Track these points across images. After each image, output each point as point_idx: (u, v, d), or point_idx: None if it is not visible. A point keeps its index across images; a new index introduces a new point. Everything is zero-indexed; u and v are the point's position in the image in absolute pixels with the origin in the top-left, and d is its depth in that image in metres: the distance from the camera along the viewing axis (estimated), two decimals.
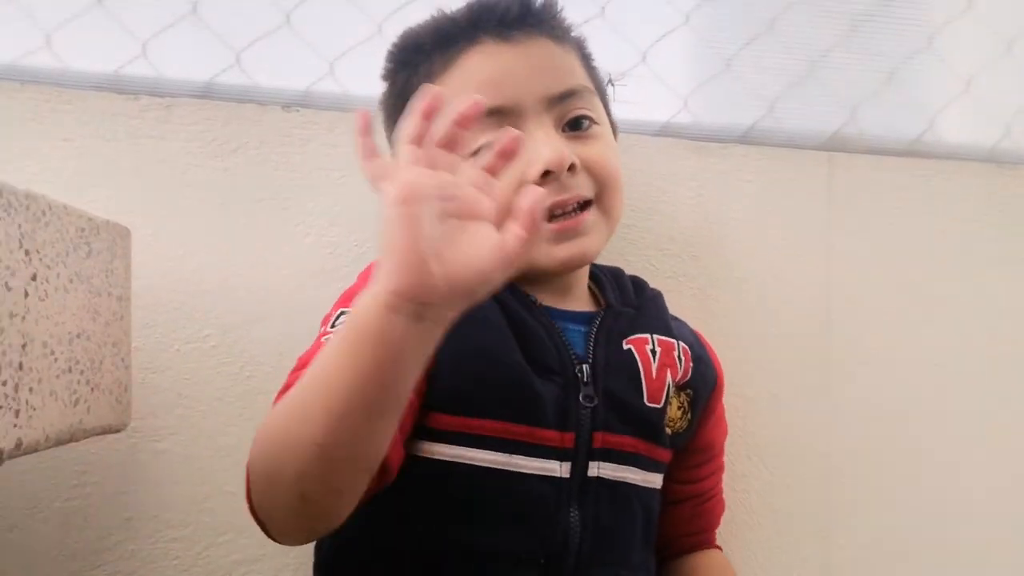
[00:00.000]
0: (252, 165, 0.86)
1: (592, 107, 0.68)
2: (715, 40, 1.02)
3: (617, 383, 0.65)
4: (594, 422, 0.63)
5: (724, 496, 0.82)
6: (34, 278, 0.55)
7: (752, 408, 0.93)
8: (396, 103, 0.69)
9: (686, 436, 0.72)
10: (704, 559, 0.78)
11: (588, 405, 0.63)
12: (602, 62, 0.98)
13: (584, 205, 0.66)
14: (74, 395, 0.60)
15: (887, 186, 0.98)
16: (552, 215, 0.64)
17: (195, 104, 0.86)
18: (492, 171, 0.46)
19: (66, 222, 0.60)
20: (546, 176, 0.63)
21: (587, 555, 0.62)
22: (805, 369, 0.95)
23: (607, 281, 0.75)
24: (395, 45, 0.72)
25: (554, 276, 0.68)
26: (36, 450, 0.54)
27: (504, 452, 0.60)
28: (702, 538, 0.79)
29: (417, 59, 0.68)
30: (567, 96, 0.66)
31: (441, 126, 0.43)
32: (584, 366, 0.64)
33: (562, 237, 0.65)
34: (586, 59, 0.74)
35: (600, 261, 0.76)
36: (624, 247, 0.91)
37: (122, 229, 0.70)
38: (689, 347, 0.72)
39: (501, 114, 0.63)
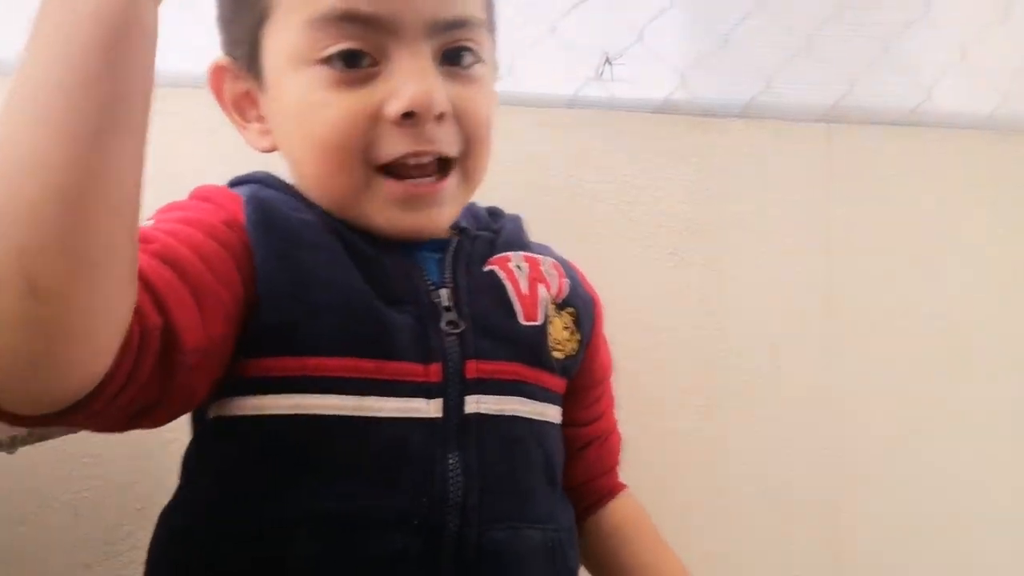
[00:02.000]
0: None
1: (479, 41, 0.56)
2: (710, 16, 1.02)
3: (483, 305, 0.56)
4: (463, 349, 0.54)
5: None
6: None
7: (757, 382, 0.94)
8: None
9: (577, 361, 0.63)
10: (621, 510, 0.68)
11: (453, 331, 0.54)
12: (599, 42, 1.00)
13: (443, 166, 0.56)
14: None
15: (886, 156, 0.99)
16: (404, 170, 0.54)
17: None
18: None
19: None
20: (406, 118, 0.52)
21: (474, 509, 0.51)
22: (808, 341, 0.95)
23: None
24: None
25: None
26: (47, 438, 0.54)
27: (353, 395, 0.50)
28: (609, 480, 0.69)
29: None
30: (456, 25, 0.54)
31: None
32: (443, 291, 0.55)
33: (411, 204, 0.54)
34: None
35: (598, 233, 0.74)
36: (625, 224, 0.92)
37: None
38: (560, 263, 0.64)
39: (371, 23, 0.51)
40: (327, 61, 0.51)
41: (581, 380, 0.64)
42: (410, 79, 0.52)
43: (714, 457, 0.93)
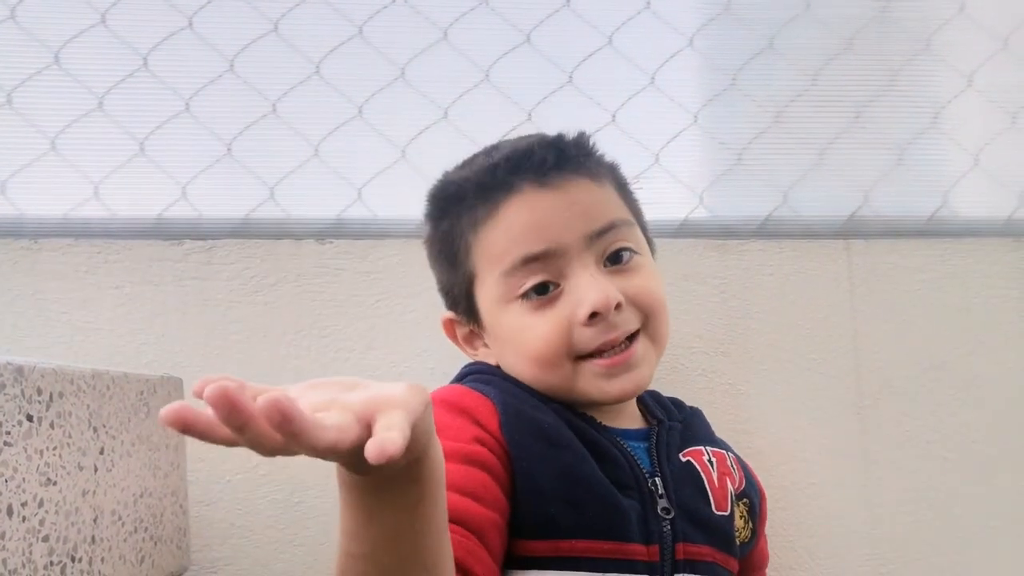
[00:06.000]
0: (291, 297, 0.91)
1: (631, 237, 0.70)
2: (724, 136, 1.06)
3: (686, 494, 0.66)
4: (675, 534, 0.64)
5: None
6: (102, 452, 0.58)
7: (791, 499, 0.94)
8: (441, 247, 0.73)
9: (749, 546, 0.73)
10: None
11: (667, 517, 0.64)
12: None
13: (631, 336, 0.67)
14: (140, 553, 0.63)
15: (907, 268, 1.00)
16: (601, 351, 0.66)
17: (235, 244, 0.91)
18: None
19: (127, 390, 0.63)
20: (593, 318, 0.64)
21: None
22: (841, 457, 0.95)
23: (649, 400, 0.77)
24: (437, 189, 0.73)
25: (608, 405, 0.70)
26: None
27: (596, 571, 0.60)
28: None
29: (459, 209, 0.70)
30: (606, 231, 0.67)
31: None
32: (656, 479, 0.66)
33: (613, 372, 0.66)
34: (622, 187, 0.75)
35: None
36: None
37: (175, 381, 0.74)
38: (736, 459, 0.75)
39: (544, 258, 0.65)
40: (524, 296, 0.66)
41: (746, 564, 0.73)
42: (587, 288, 0.65)
43: None
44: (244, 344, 0.89)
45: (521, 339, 0.66)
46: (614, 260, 0.68)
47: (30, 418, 0.48)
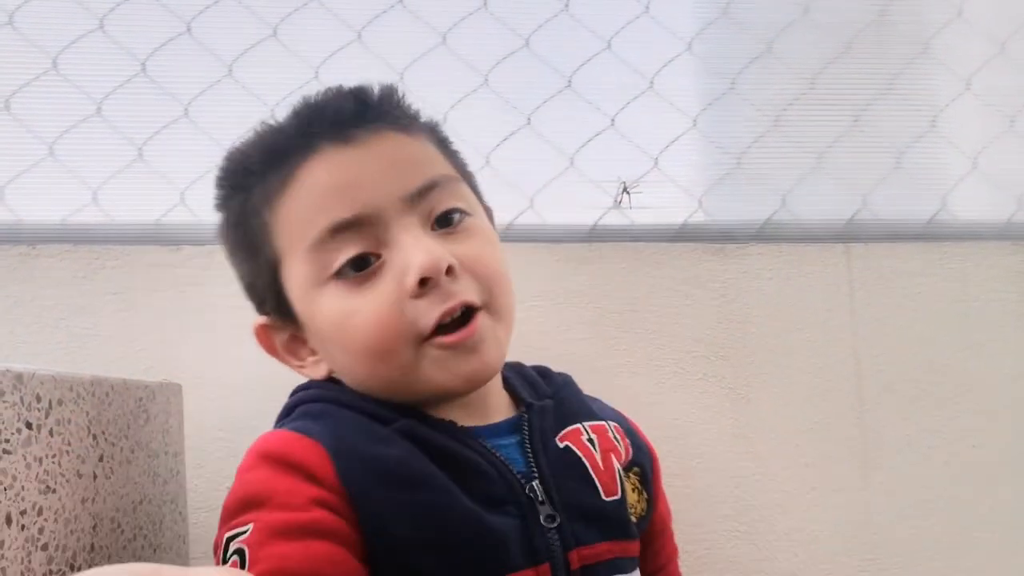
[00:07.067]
0: None
1: (460, 196, 0.60)
2: (723, 140, 1.06)
3: (570, 488, 0.57)
4: (564, 542, 0.55)
5: None
6: (101, 459, 0.58)
7: (791, 504, 0.94)
8: (235, 233, 0.62)
9: (647, 519, 0.64)
10: None
11: (551, 526, 0.55)
12: (616, 170, 1.04)
13: (468, 313, 0.57)
14: (139, 561, 0.63)
15: (906, 272, 1.00)
16: (440, 327, 0.55)
17: None
18: None
19: (126, 397, 0.63)
20: (424, 285, 0.54)
21: None
22: (842, 461, 0.95)
23: (514, 378, 0.66)
24: (222, 169, 0.62)
25: (462, 395, 0.59)
26: None
27: None
28: None
29: (248, 183, 0.59)
30: (428, 189, 0.57)
31: None
32: (533, 483, 0.56)
33: (460, 351, 0.56)
34: (443, 144, 0.64)
35: (626, 362, 0.75)
36: (652, 352, 0.94)
37: (174, 387, 0.74)
38: (619, 423, 0.66)
39: (359, 224, 0.55)
40: (338, 275, 0.55)
41: (647, 534, 0.65)
42: (410, 252, 0.55)
43: None
44: (244, 350, 0.88)
45: (345, 329, 0.56)
46: (443, 223, 0.58)
47: (29, 425, 0.47)
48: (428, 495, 0.53)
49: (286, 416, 0.61)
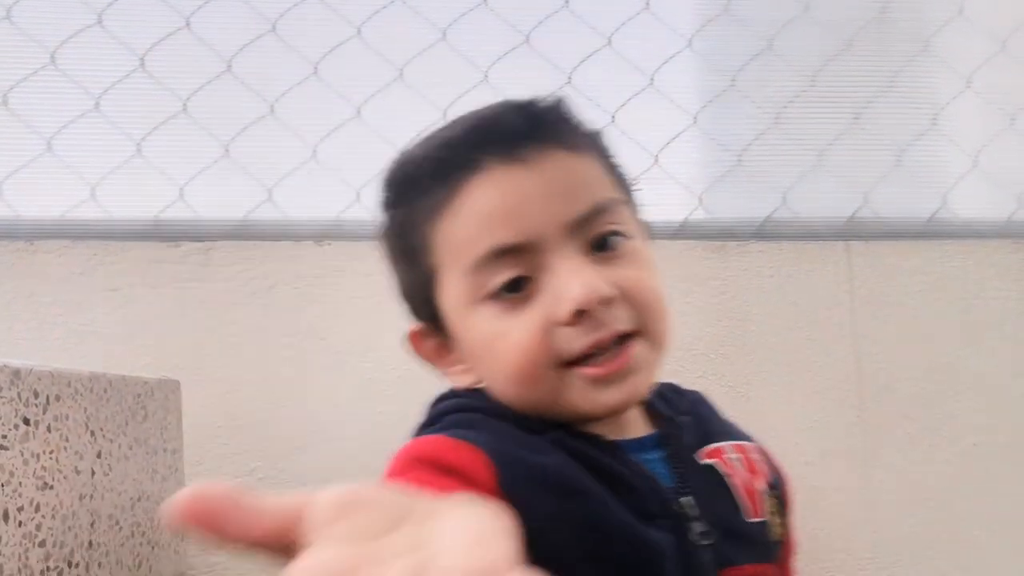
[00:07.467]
0: (289, 299, 0.90)
1: (620, 219, 0.59)
2: (723, 137, 1.06)
3: (719, 507, 0.57)
4: (718, 559, 0.55)
5: None
6: (99, 455, 0.58)
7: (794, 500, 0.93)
8: (397, 241, 0.62)
9: (781, 543, 0.64)
10: None
11: (705, 543, 0.55)
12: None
13: (623, 338, 0.56)
14: (137, 558, 0.63)
15: (906, 269, 1.00)
16: (589, 355, 0.55)
17: (233, 245, 0.91)
18: None
19: (124, 393, 0.63)
20: (577, 316, 0.54)
21: None
22: (842, 459, 0.95)
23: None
24: (392, 172, 0.62)
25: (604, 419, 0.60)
26: None
27: None
28: None
29: (414, 194, 0.60)
30: (592, 215, 0.56)
31: None
32: (684, 499, 0.56)
33: (608, 381, 0.55)
34: (607, 160, 0.63)
35: None
36: None
37: (172, 383, 0.74)
38: (757, 446, 0.65)
39: (520, 250, 0.55)
40: (493, 296, 0.55)
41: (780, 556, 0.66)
42: (568, 280, 0.54)
43: None
44: (242, 346, 0.88)
45: (493, 349, 0.56)
46: (600, 247, 0.57)
47: (27, 421, 0.47)
48: (588, 505, 0.52)
49: (434, 424, 0.60)
